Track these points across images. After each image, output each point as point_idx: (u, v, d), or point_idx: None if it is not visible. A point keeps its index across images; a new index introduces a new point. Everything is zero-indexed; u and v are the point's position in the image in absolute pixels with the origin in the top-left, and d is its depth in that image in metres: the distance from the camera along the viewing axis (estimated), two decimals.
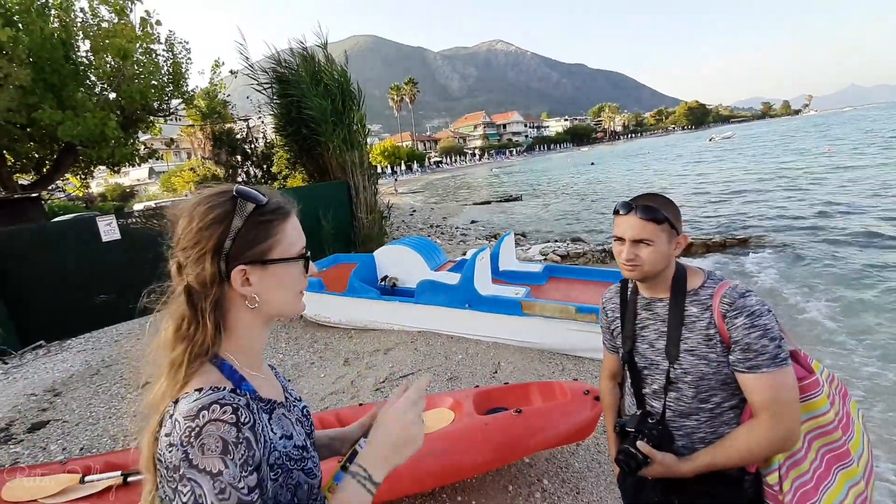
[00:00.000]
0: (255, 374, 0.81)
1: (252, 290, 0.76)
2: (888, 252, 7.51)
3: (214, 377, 0.73)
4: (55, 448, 3.54)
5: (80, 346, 5.96)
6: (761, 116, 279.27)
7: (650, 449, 1.18)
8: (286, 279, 0.80)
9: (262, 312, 0.80)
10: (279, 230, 0.78)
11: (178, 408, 0.67)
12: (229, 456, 0.63)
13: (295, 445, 0.78)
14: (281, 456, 0.74)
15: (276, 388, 0.86)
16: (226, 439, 0.64)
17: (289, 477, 0.75)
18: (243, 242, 0.74)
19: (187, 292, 0.75)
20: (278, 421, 0.78)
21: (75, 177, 12.16)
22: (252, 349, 0.82)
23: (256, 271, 0.76)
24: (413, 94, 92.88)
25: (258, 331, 0.82)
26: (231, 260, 0.74)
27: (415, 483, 2.32)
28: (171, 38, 10.82)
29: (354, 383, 4.08)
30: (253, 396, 0.74)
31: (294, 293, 0.82)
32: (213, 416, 0.64)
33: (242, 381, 0.76)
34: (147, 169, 48.02)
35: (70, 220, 7.23)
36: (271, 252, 0.77)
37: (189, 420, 0.64)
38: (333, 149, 9.26)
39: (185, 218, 0.76)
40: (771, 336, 1.08)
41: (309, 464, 0.79)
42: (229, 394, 0.69)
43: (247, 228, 0.75)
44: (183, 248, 0.75)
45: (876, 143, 28.13)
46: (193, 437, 0.63)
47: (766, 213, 12.14)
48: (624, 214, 1.22)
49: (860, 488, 1.13)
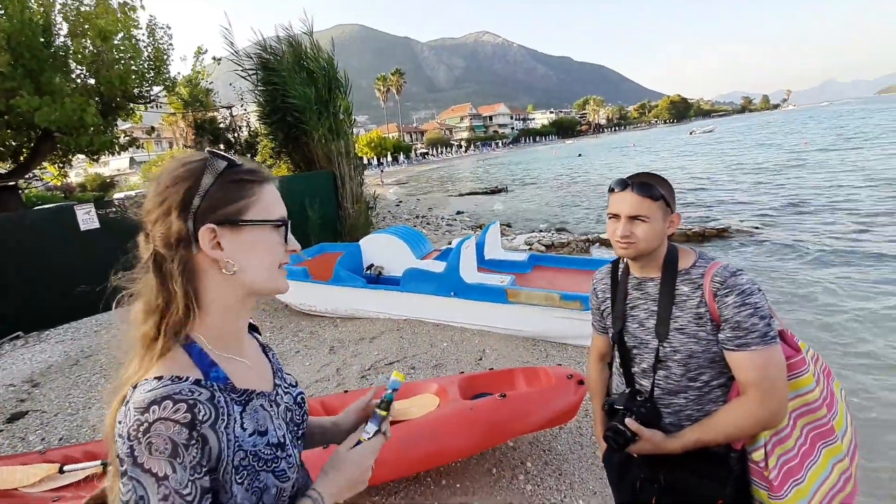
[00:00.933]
0: (232, 357, 0.75)
1: (224, 254, 0.69)
2: (862, 243, 7.74)
3: (180, 364, 0.68)
4: (34, 439, 3.48)
5: (58, 336, 5.84)
6: (741, 111, 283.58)
7: (638, 426, 1.18)
8: (262, 245, 0.73)
9: (239, 283, 0.72)
10: (254, 191, 0.73)
11: (134, 395, 0.62)
12: (178, 459, 0.59)
13: (268, 443, 0.72)
14: (247, 456, 0.68)
15: (259, 376, 0.80)
16: (175, 441, 0.59)
17: (255, 479, 0.68)
18: (213, 200, 0.69)
19: (154, 259, 0.69)
20: (252, 414, 0.72)
21: (53, 165, 11.82)
22: (228, 328, 0.75)
23: (227, 233, 0.69)
24: (400, 85, 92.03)
25: (235, 306, 0.74)
26: (199, 218, 0.68)
27: (400, 468, 2.34)
28: (152, 23, 10.53)
29: (340, 371, 4.09)
30: (223, 386, 0.69)
31: (271, 264, 0.74)
32: (164, 413, 0.60)
33: (213, 367, 0.70)
34: (128, 159, 46.91)
35: (48, 210, 7.04)
36: (245, 213, 0.71)
37: (139, 413, 0.60)
38: (319, 138, 9.16)
39: (153, 181, 0.71)
40: (761, 314, 1.09)
41: (282, 464, 0.73)
42: (190, 386, 0.64)
43: (217, 186, 0.69)
44: (148, 210, 0.70)
45: (847, 137, 28.82)
46: (141, 434, 0.59)
47: (744, 203, 12.37)
48: (620, 191, 1.22)
49: (844, 465, 1.15)
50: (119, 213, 6.58)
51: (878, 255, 7.00)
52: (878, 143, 23.26)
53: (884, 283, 5.85)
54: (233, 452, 0.66)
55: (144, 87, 10.65)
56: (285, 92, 8.94)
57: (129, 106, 10.62)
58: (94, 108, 8.67)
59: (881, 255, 6.93)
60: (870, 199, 10.85)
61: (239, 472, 0.66)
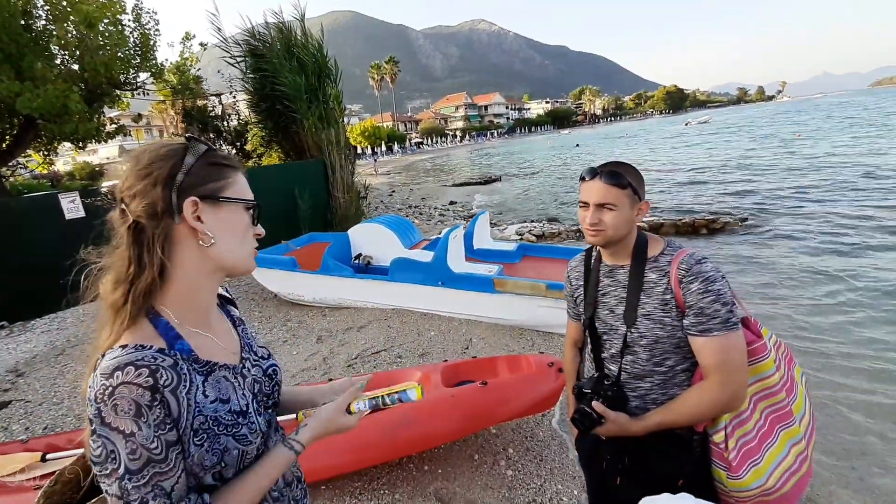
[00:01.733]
0: (196, 331, 0.79)
1: (203, 227, 0.75)
2: (853, 234, 7.82)
3: (145, 333, 0.72)
4: (17, 428, 3.47)
5: (44, 326, 5.80)
6: (737, 102, 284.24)
7: (604, 408, 1.22)
8: (237, 223, 0.80)
9: (212, 256, 0.77)
10: (231, 174, 0.80)
11: (101, 362, 0.67)
12: (142, 419, 0.64)
13: (230, 410, 0.77)
14: (207, 420, 0.73)
15: (227, 348, 0.85)
16: (139, 402, 0.64)
17: (215, 442, 0.73)
18: (195, 178, 0.74)
19: (132, 230, 0.72)
20: (215, 384, 0.77)
21: (38, 153, 11.62)
22: (195, 302, 0.80)
23: (207, 208, 0.75)
24: (394, 74, 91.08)
25: (204, 280, 0.79)
26: (183, 192, 0.73)
27: (383, 453, 2.36)
28: (137, 7, 10.31)
29: (327, 360, 4.09)
30: (186, 357, 0.74)
31: (242, 242, 0.81)
32: (127, 378, 0.64)
33: (178, 340, 0.74)
34: (117, 147, 46.25)
35: (32, 198, 6.94)
36: (224, 191, 0.78)
37: (104, 378, 0.64)
38: (309, 126, 9.06)
39: (132, 160, 0.75)
40: (723, 301, 1.12)
41: (243, 430, 0.78)
42: (153, 353, 0.68)
43: (199, 165, 0.75)
44: (129, 186, 0.73)
45: (840, 128, 28.97)
46: (107, 397, 0.63)
47: (736, 195, 12.43)
48: (589, 180, 1.25)
49: (801, 447, 1.19)
50: (105, 201, 6.51)
51: (866, 245, 7.09)
52: (868, 134, 23.42)
53: (871, 273, 5.93)
54: (192, 416, 0.71)
55: (131, 74, 10.45)
56: (275, 80, 8.82)
57: (115, 93, 10.42)
58: (77, 94, 8.49)
59: (870, 245, 7.02)
60: (860, 190, 10.95)
61: (198, 434, 0.71)
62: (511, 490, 2.40)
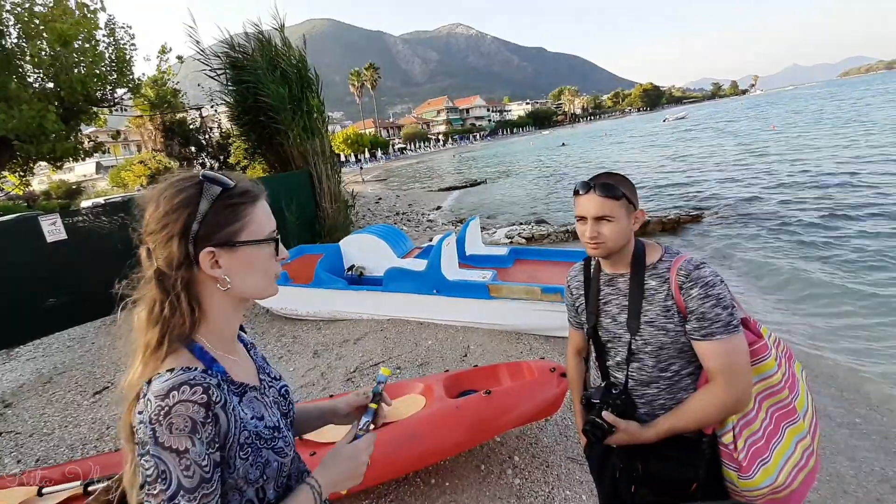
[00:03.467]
0: (227, 356, 0.83)
1: (222, 272, 0.77)
2: (827, 220, 8.04)
3: (186, 358, 0.76)
4: (9, 461, 3.37)
5: (28, 353, 5.65)
6: (711, 97, 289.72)
7: (614, 418, 1.23)
8: (256, 261, 0.80)
9: (234, 294, 0.81)
10: (247, 213, 0.79)
11: (151, 387, 0.70)
12: (197, 435, 0.67)
13: (266, 426, 0.81)
14: (251, 435, 0.77)
15: (248, 371, 0.89)
16: (194, 419, 0.67)
17: (258, 455, 0.77)
18: (211, 225, 0.76)
19: (157, 276, 0.76)
20: (249, 403, 0.82)
21: (13, 174, 11.31)
22: (225, 332, 0.84)
23: (225, 253, 0.77)
24: (374, 80, 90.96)
25: (230, 313, 0.83)
26: (199, 242, 0.75)
27: (389, 469, 2.35)
28: (111, 22, 10.13)
29: (325, 375, 4.05)
30: (224, 378, 0.78)
31: (265, 275, 0.83)
32: (183, 396, 0.68)
33: (213, 363, 0.79)
34: (94, 164, 45.29)
35: (10, 221, 6.74)
36: (240, 234, 0.78)
37: (159, 399, 0.67)
38: (293, 137, 9.00)
39: (153, 203, 0.77)
40: (724, 305, 1.15)
41: (280, 443, 0.82)
42: (200, 374, 0.72)
43: (214, 211, 0.76)
44: (150, 232, 0.76)
45: (811, 121, 29.76)
46: (163, 417, 0.66)
47: (719, 189, 12.67)
48: (584, 194, 1.27)
49: (807, 442, 1.22)
50: (87, 222, 6.36)
51: (844, 235, 7.29)
52: (837, 126, 24.09)
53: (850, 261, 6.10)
54: (239, 431, 0.75)
55: (107, 90, 10.26)
56: (258, 91, 8.73)
57: (92, 110, 10.22)
58: (54, 113, 8.30)
59: (847, 235, 7.22)
60: (834, 178, 11.25)
61: (244, 448, 0.75)
62: (520, 499, 2.40)
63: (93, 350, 5.44)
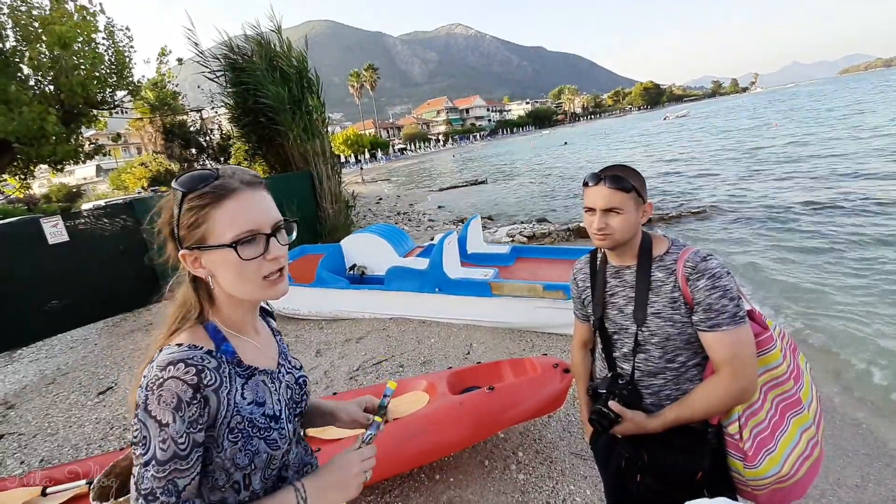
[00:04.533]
0: (241, 337, 0.86)
1: (205, 272, 0.80)
2: (831, 215, 8.02)
3: (198, 335, 0.80)
4: (12, 463, 3.37)
5: (32, 355, 5.65)
6: (712, 95, 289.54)
7: (621, 408, 1.24)
8: (226, 264, 0.78)
9: (226, 292, 0.83)
10: (210, 215, 0.76)
11: (158, 356, 0.74)
12: (179, 413, 0.70)
13: (264, 414, 0.82)
14: (243, 420, 0.78)
15: (267, 355, 0.91)
16: (181, 397, 0.70)
17: (248, 443, 0.79)
18: (184, 229, 0.78)
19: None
20: (253, 387, 0.83)
21: (14, 177, 11.33)
22: (236, 317, 0.86)
23: (202, 254, 0.79)
24: (374, 81, 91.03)
25: (236, 300, 0.84)
26: (182, 244, 0.79)
27: (394, 465, 2.35)
28: (110, 24, 10.14)
29: (328, 374, 4.05)
30: (230, 359, 0.81)
31: (243, 277, 0.78)
32: (177, 373, 0.71)
33: (224, 343, 0.82)
34: (94, 167, 45.38)
35: (12, 224, 6.75)
36: (208, 238, 0.77)
37: (158, 370, 0.71)
38: (294, 138, 9.01)
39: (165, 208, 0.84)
40: (730, 296, 1.15)
41: (274, 434, 0.83)
42: (202, 354, 0.75)
43: (183, 213, 0.78)
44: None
45: (811, 119, 29.73)
46: (155, 387, 0.70)
47: (719, 185, 12.66)
48: (593, 185, 1.27)
49: (811, 433, 1.23)
50: (88, 224, 6.37)
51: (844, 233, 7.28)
52: (841, 122, 24.07)
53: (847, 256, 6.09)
54: (230, 415, 0.77)
55: (107, 93, 10.28)
56: (257, 92, 8.75)
57: (92, 113, 10.23)
58: (54, 116, 8.32)
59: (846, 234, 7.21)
60: (837, 174, 11.23)
61: (234, 432, 0.77)
62: (524, 494, 2.40)
63: (96, 351, 5.44)
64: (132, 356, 5.03)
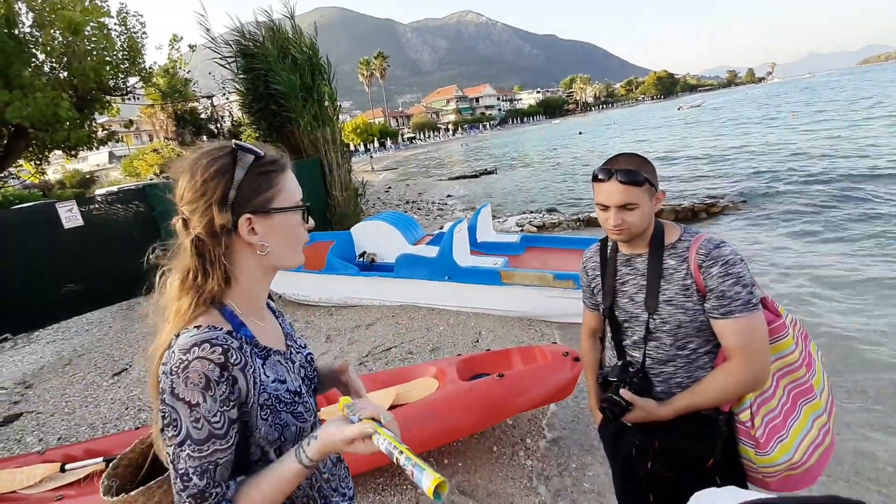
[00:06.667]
0: (255, 321, 0.86)
1: (258, 238, 0.80)
2: (848, 208, 7.87)
3: (215, 318, 0.78)
4: (31, 440, 3.46)
5: (49, 337, 5.78)
6: (727, 85, 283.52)
7: (632, 395, 1.23)
8: (288, 228, 0.83)
9: (267, 261, 0.83)
10: (279, 181, 0.82)
11: (178, 341, 0.73)
12: (209, 392, 0.69)
13: (287, 390, 0.83)
14: (270, 397, 0.79)
15: (275, 337, 0.91)
16: (209, 376, 0.69)
17: (277, 417, 0.79)
18: (247, 192, 0.78)
19: (195, 244, 0.78)
20: (272, 367, 0.83)
21: (29, 163, 11.50)
22: (254, 297, 0.86)
23: (260, 220, 0.79)
24: (383, 69, 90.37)
25: (260, 280, 0.86)
26: (237, 209, 0.77)
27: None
28: (122, 10, 10.16)
29: (338, 359, 4.10)
30: (249, 341, 0.80)
31: (297, 241, 0.86)
32: (202, 353, 0.70)
33: (242, 327, 0.81)
34: (107, 153, 45.84)
35: (28, 208, 6.86)
36: (273, 201, 0.81)
37: (182, 353, 0.70)
38: (304, 125, 9.01)
39: (187, 173, 0.78)
40: (743, 283, 1.14)
41: (300, 408, 0.84)
42: (224, 334, 0.74)
43: (248, 179, 0.78)
44: (188, 202, 0.77)
45: (828, 109, 29.06)
46: (181, 370, 0.69)
47: (736, 178, 12.45)
48: (605, 181, 1.23)
49: (823, 420, 1.22)
50: (102, 209, 6.46)
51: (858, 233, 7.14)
52: (858, 114, 23.50)
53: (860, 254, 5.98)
54: (258, 393, 0.77)
55: (120, 79, 10.33)
56: (268, 79, 8.74)
57: (105, 98, 10.30)
58: (67, 101, 8.39)
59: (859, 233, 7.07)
60: (855, 167, 10.99)
61: (263, 409, 0.77)
62: (532, 480, 2.42)
63: (111, 333, 5.55)
64: (146, 339, 5.11)
